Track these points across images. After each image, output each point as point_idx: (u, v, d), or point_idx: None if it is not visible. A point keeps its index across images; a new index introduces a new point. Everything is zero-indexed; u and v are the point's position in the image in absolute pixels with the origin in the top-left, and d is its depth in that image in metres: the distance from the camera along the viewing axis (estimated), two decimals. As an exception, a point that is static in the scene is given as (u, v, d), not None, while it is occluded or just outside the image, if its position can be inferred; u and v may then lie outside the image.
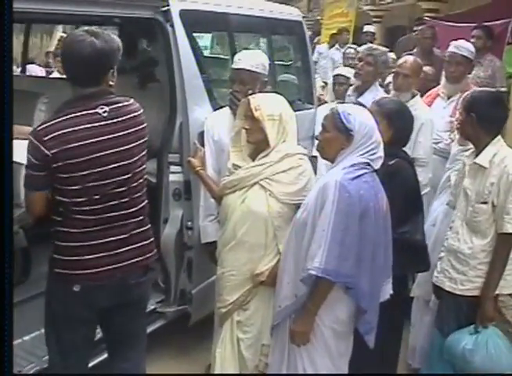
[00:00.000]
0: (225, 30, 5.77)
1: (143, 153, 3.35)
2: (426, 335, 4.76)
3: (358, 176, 3.33)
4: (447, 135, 5.37)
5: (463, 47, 5.82)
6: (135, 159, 3.26)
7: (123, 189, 3.25)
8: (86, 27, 3.20)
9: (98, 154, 3.16)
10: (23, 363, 4.05)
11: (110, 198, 3.25)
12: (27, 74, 8.52)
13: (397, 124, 4.00)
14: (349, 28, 14.22)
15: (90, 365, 3.78)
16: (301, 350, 3.50)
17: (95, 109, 3.17)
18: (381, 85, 6.52)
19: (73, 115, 3.15)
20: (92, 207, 3.26)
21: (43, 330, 4.35)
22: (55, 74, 10.54)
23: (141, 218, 3.37)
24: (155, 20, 4.45)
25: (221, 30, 6.38)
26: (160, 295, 4.79)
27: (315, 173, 4.27)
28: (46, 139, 3.07)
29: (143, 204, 3.40)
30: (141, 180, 3.36)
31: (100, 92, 3.20)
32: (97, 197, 3.22)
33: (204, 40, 9.11)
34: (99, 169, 3.19)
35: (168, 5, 4.47)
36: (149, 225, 3.47)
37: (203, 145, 4.44)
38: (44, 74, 11.22)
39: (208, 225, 4.53)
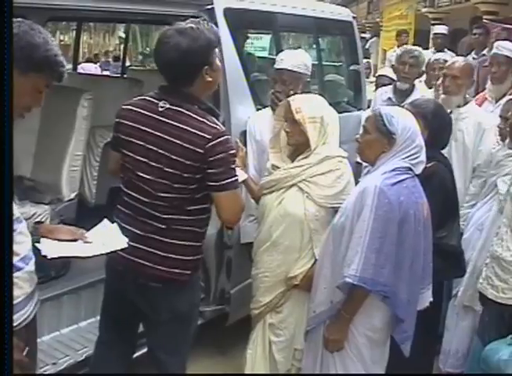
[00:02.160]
0: (270, 29, 5.75)
1: (181, 173, 3.15)
2: (462, 340, 4.68)
3: (399, 182, 3.26)
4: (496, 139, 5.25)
5: (504, 47, 5.70)
6: (166, 169, 3.15)
7: (147, 188, 3.22)
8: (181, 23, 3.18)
9: (135, 140, 3.22)
10: (58, 355, 4.09)
11: (138, 189, 3.26)
12: (82, 71, 8.68)
13: (433, 125, 3.89)
14: (408, 30, 14.11)
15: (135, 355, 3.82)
16: (334, 356, 3.45)
17: (159, 100, 3.20)
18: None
19: (143, 98, 3.30)
20: (126, 189, 3.34)
21: (81, 324, 4.47)
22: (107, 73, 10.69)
23: (163, 227, 3.24)
24: (199, 18, 4.44)
25: (267, 30, 6.36)
26: (200, 294, 4.78)
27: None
28: (122, 107, 3.35)
29: (172, 216, 3.24)
30: (172, 195, 3.20)
31: (185, 93, 3.19)
32: (129, 181, 3.29)
33: (262, 41, 9.14)
34: (131, 154, 3.24)
35: (213, 4, 4.47)
36: (178, 242, 3.28)
37: (245, 144, 4.42)
38: (98, 73, 11.38)
39: (248, 225, 4.51)
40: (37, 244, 2.68)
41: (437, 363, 4.79)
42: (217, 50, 3.24)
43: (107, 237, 3.01)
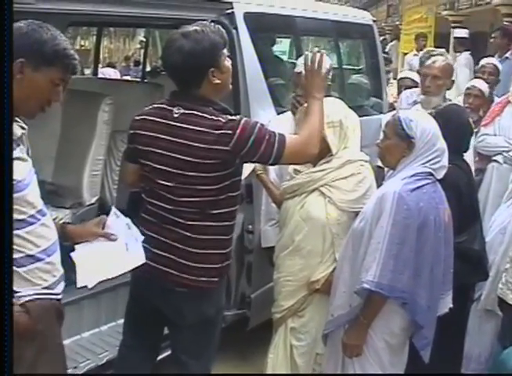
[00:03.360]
0: (291, 33, 5.76)
1: (206, 174, 3.15)
2: (484, 345, 4.66)
3: (419, 187, 3.25)
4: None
5: None
6: (189, 174, 3.15)
7: (169, 195, 3.22)
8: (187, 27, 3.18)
9: (154, 149, 3.22)
10: (79, 359, 4.13)
11: (160, 197, 3.27)
12: (102, 76, 8.72)
13: (455, 130, 3.84)
14: (428, 34, 14.07)
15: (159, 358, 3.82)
16: (353, 361, 3.44)
17: (173, 107, 3.20)
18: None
19: (156, 106, 3.32)
20: (148, 198, 3.35)
21: (102, 328, 4.50)
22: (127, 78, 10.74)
23: (188, 234, 3.24)
24: (220, 23, 4.44)
25: (287, 34, 6.36)
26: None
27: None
28: (135, 118, 3.36)
29: (197, 223, 3.24)
30: (196, 199, 3.21)
31: (197, 96, 3.19)
32: (151, 190, 3.30)
33: (282, 45, 9.14)
34: (151, 163, 3.25)
35: (233, 8, 4.48)
36: (205, 251, 3.28)
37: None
38: (118, 77, 11.45)
39: (269, 229, 4.51)
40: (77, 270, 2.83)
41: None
42: (225, 52, 3.23)
43: (126, 235, 3.05)
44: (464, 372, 4.79)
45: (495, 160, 5.69)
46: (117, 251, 2.98)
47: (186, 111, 3.17)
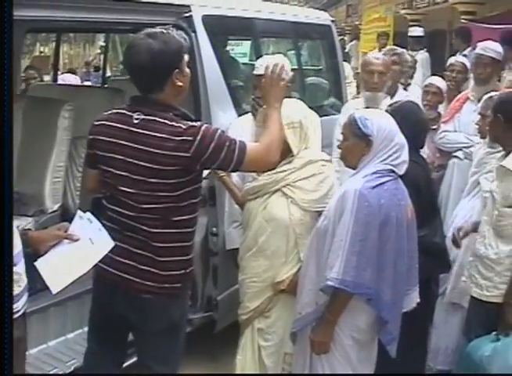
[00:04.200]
0: (250, 35, 5.78)
1: (166, 180, 3.14)
2: (451, 337, 4.72)
3: (380, 184, 3.27)
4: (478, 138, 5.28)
5: (489, 48, 5.71)
6: (150, 180, 3.13)
7: (131, 202, 3.20)
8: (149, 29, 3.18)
9: (114, 155, 3.19)
10: (46, 368, 4.08)
11: (122, 203, 3.25)
12: (62, 82, 8.65)
13: (410, 127, 3.83)
14: (388, 33, 14.18)
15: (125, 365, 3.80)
16: (321, 358, 3.45)
17: (133, 112, 3.18)
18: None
19: (116, 111, 3.29)
20: (110, 205, 3.32)
21: (68, 336, 4.46)
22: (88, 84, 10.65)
23: (151, 242, 3.22)
24: (178, 26, 4.45)
25: (246, 36, 6.37)
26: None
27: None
28: (94, 124, 3.32)
29: (159, 230, 3.23)
30: (157, 206, 3.19)
31: (157, 101, 3.18)
32: (112, 196, 3.28)
33: (243, 47, 9.15)
34: (111, 169, 3.22)
35: (191, 11, 4.49)
36: (167, 259, 3.26)
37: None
38: (78, 83, 11.35)
39: (233, 231, 4.52)
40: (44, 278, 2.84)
41: (427, 360, 4.82)
42: (186, 57, 3.24)
43: (90, 231, 3.06)
44: (432, 365, 4.86)
45: (456, 156, 5.74)
46: (83, 248, 2.99)
47: (146, 117, 3.15)
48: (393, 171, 3.36)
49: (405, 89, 6.54)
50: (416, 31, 11.51)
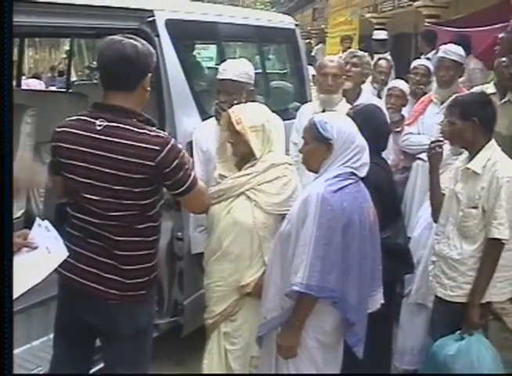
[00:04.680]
0: (214, 39, 5.78)
1: (131, 188, 3.14)
2: (417, 337, 4.75)
3: (342, 188, 3.29)
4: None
5: (451, 51, 5.78)
6: (114, 187, 3.13)
7: (95, 209, 3.19)
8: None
9: (77, 162, 3.18)
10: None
11: (86, 211, 3.23)
12: (27, 87, 8.60)
13: (371, 130, 3.86)
14: (353, 36, 14.26)
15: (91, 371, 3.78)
16: (287, 360, 3.46)
17: (96, 119, 3.16)
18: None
19: (78, 117, 3.26)
20: (74, 212, 3.30)
21: (33, 343, 4.43)
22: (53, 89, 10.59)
23: (115, 251, 3.22)
24: (141, 31, 4.44)
25: (210, 40, 6.38)
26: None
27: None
28: (56, 130, 3.29)
29: (124, 238, 3.23)
30: (122, 213, 3.19)
31: (120, 107, 3.17)
32: (76, 203, 3.26)
33: (210, 51, 9.16)
34: (74, 176, 3.21)
35: (154, 16, 4.48)
36: (132, 267, 3.27)
37: (191, 155, 4.41)
38: (43, 88, 11.28)
39: (198, 235, 4.51)
40: None
41: (393, 360, 4.85)
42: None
43: (48, 239, 3.04)
44: (398, 365, 4.90)
45: (420, 158, 5.79)
46: (40, 256, 2.98)
47: (110, 123, 3.14)
48: (354, 174, 3.38)
49: (379, 95, 6.62)
50: (380, 34, 11.63)
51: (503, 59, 6.48)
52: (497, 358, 3.91)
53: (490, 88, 6.48)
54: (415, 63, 6.75)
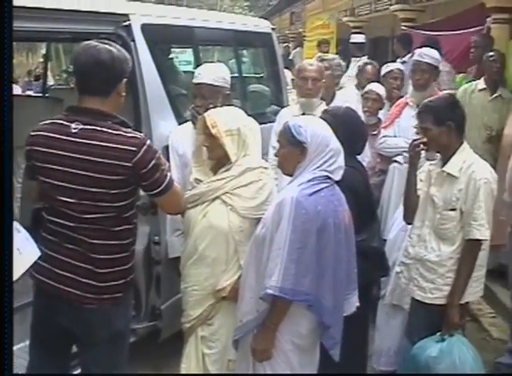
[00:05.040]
0: (190, 43, 5.77)
1: (109, 190, 3.16)
2: (393, 339, 4.78)
3: (316, 191, 3.30)
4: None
5: (426, 54, 5.82)
6: (91, 190, 3.15)
7: (71, 212, 3.19)
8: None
9: (52, 166, 3.18)
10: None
11: (61, 214, 3.23)
12: None
13: (346, 132, 3.88)
14: (331, 40, 14.30)
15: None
16: (264, 363, 3.47)
17: (71, 122, 3.17)
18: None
19: (52, 121, 3.26)
20: (49, 216, 3.30)
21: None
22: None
23: (91, 254, 3.23)
24: (117, 35, 4.44)
25: (186, 44, 6.37)
26: (131, 311, 4.72)
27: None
28: (30, 134, 3.30)
29: (99, 242, 3.24)
30: (98, 215, 3.20)
31: (96, 110, 3.19)
32: (51, 207, 3.25)
33: (188, 55, 9.14)
34: (50, 180, 3.21)
35: (130, 20, 4.48)
36: (107, 270, 3.28)
37: (168, 159, 4.40)
38: (19, 93, 11.20)
39: (175, 239, 4.51)
40: None
41: (370, 362, 4.89)
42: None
43: (18, 241, 3.05)
44: (375, 366, 4.92)
45: (396, 161, 5.84)
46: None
47: (85, 126, 3.15)
48: (329, 178, 3.39)
49: None
50: (358, 38, 11.74)
51: (491, 53, 6.59)
52: (478, 358, 3.97)
53: (480, 84, 6.60)
54: (391, 67, 6.80)
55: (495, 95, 6.53)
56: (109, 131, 3.15)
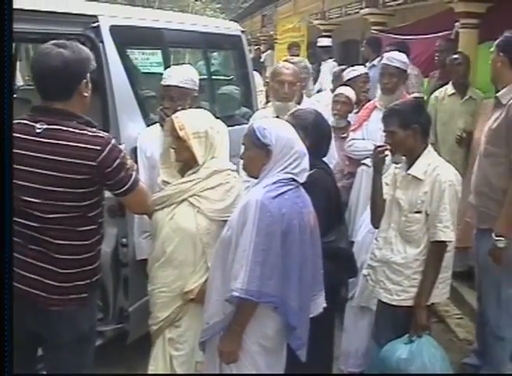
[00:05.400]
0: (159, 45, 5.76)
1: (74, 190, 3.17)
2: (361, 340, 4.81)
3: (281, 194, 3.31)
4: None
5: (394, 58, 5.86)
6: (56, 189, 3.14)
7: (36, 212, 3.18)
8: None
9: (17, 166, 3.15)
10: None
11: (26, 215, 3.21)
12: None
13: (313, 135, 3.96)
14: (301, 43, 14.34)
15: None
16: (230, 366, 3.47)
17: (36, 122, 3.16)
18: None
19: (17, 122, 3.22)
20: (16, 217, 3.26)
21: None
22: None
23: (57, 255, 3.22)
24: (86, 36, 4.43)
25: (156, 46, 6.36)
26: (99, 314, 4.68)
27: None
28: None
29: (64, 242, 3.24)
30: (63, 215, 3.20)
31: (60, 110, 3.18)
32: (16, 208, 3.21)
33: (158, 56, 9.12)
34: (16, 181, 3.17)
35: (98, 21, 4.47)
36: (74, 271, 3.28)
37: (136, 161, 4.39)
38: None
39: (142, 241, 4.50)
40: None
41: (338, 364, 4.92)
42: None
43: None
44: (343, 367, 4.95)
45: (365, 164, 5.86)
46: None
47: (50, 126, 3.15)
48: (294, 180, 3.40)
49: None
50: (324, 41, 12.01)
51: (455, 56, 6.65)
52: (446, 358, 4.02)
53: (449, 89, 6.66)
54: (360, 71, 6.86)
55: (465, 97, 6.60)
56: (74, 130, 3.16)
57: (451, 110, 6.67)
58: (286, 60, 6.41)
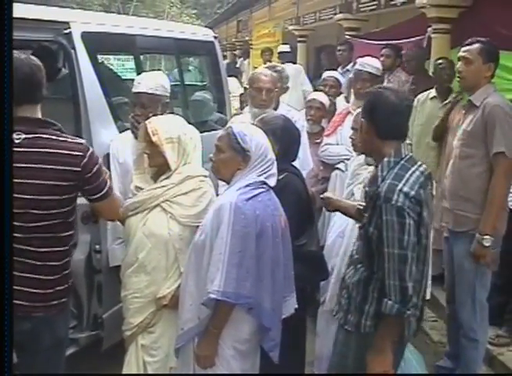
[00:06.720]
0: (132, 51, 5.76)
1: (59, 196, 3.19)
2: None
3: (254, 196, 3.35)
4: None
5: (368, 64, 5.92)
6: (42, 198, 3.14)
7: (20, 223, 3.16)
8: None
9: None
10: None
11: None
12: None
13: (283, 140, 3.99)
14: (275, 48, 14.41)
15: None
16: (205, 370, 3.47)
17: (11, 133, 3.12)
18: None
19: None
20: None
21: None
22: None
23: (39, 263, 3.23)
24: (57, 43, 4.42)
25: (127, 52, 6.36)
26: (73, 321, 4.66)
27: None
28: None
29: (47, 249, 3.25)
30: (47, 222, 3.21)
31: (34, 119, 3.18)
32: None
33: (133, 62, 9.12)
34: None
35: (70, 28, 4.45)
36: (55, 277, 3.30)
37: (108, 167, 4.39)
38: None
39: (116, 248, 4.50)
40: None
41: (312, 368, 4.95)
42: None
43: None
44: (317, 371, 4.96)
45: (338, 168, 5.90)
46: None
47: (28, 135, 3.14)
48: (265, 183, 3.44)
49: None
50: (283, 48, 12.74)
51: (439, 61, 6.71)
52: (421, 360, 4.05)
53: (432, 93, 6.71)
54: (324, 75, 6.97)
55: (445, 102, 6.65)
56: (56, 138, 3.18)
57: (430, 112, 6.70)
58: (272, 66, 6.34)
